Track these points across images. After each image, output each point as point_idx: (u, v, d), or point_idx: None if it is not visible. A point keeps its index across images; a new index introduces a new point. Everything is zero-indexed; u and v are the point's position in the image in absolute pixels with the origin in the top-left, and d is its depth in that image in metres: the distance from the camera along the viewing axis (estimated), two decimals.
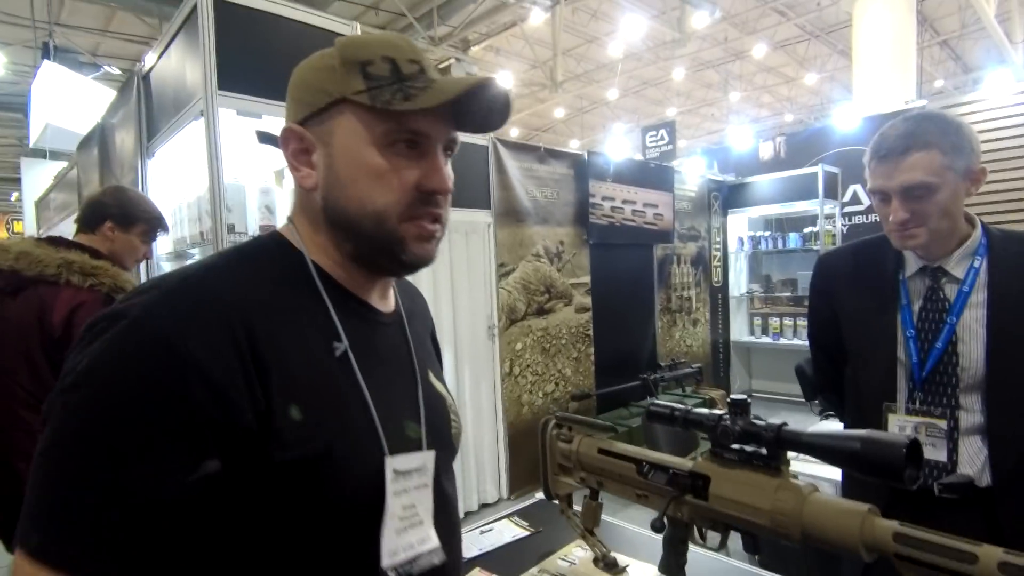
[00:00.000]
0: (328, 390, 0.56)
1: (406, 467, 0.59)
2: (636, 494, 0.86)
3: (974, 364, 1.04)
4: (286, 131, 0.61)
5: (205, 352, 0.48)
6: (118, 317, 0.49)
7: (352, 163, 0.58)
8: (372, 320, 0.65)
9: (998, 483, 1.01)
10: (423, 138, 0.59)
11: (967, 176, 1.05)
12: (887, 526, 0.59)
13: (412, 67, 0.59)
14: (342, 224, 0.60)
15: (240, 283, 0.55)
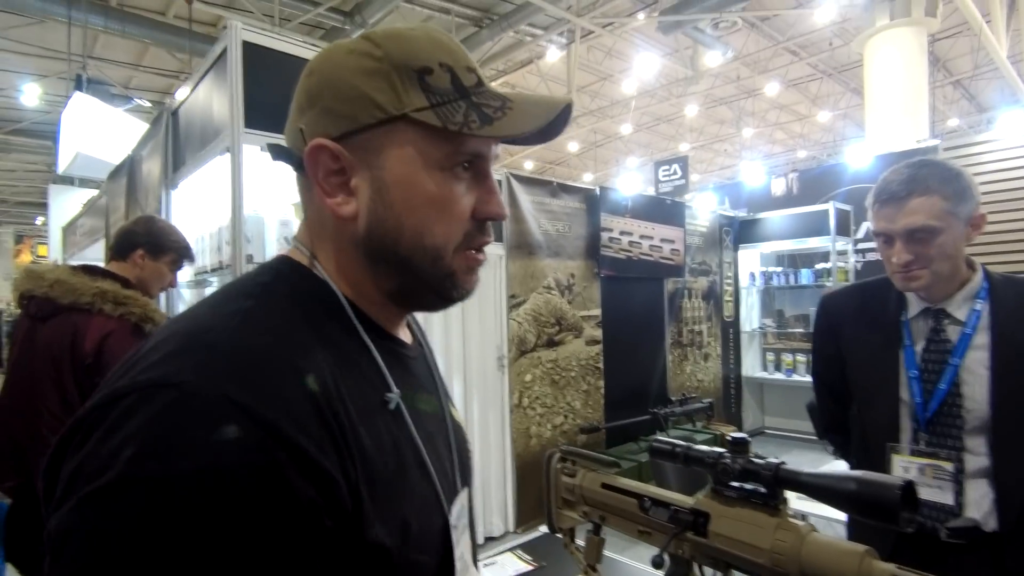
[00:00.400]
0: (393, 452, 0.48)
1: (456, 515, 0.55)
2: (638, 530, 0.87)
3: (979, 406, 1.04)
4: (317, 148, 0.49)
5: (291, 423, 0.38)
6: (157, 386, 0.37)
7: (410, 191, 0.49)
8: (405, 358, 0.58)
9: (1005, 528, 1.00)
10: (481, 160, 0.52)
11: (968, 221, 1.08)
12: (884, 568, 0.59)
13: (471, 77, 0.51)
14: (391, 259, 0.51)
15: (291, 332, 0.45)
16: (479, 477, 3.28)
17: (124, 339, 1.57)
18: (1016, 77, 9.14)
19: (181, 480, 0.33)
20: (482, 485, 3.31)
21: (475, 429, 3.27)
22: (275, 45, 1.71)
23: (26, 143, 11.48)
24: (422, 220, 0.50)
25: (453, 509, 0.54)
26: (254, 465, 0.35)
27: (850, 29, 9.26)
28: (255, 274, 0.54)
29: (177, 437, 0.35)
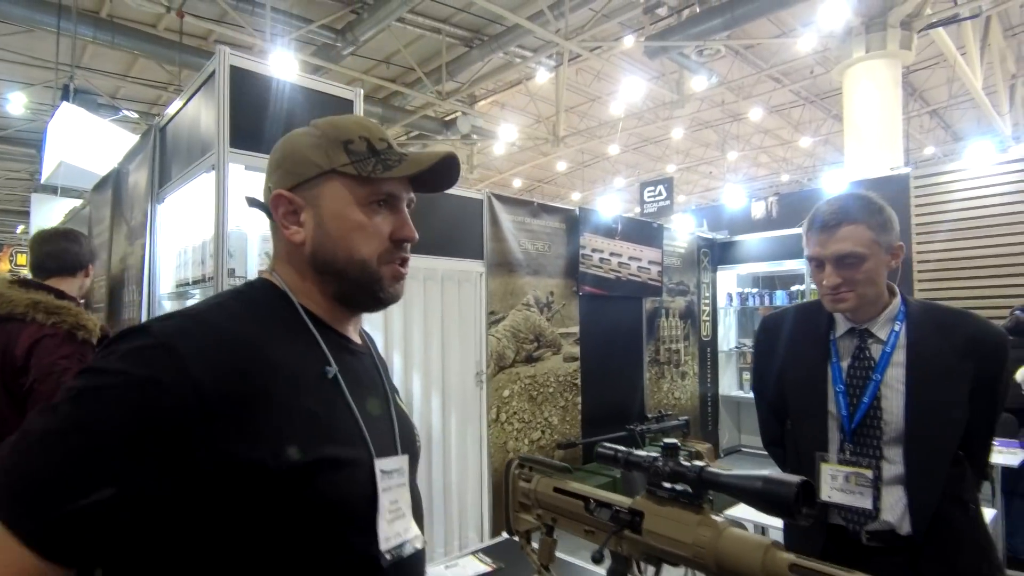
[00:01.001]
0: (325, 405, 0.66)
1: (389, 468, 0.70)
2: (584, 530, 0.93)
3: (895, 418, 1.13)
4: (277, 196, 0.72)
5: (209, 376, 0.57)
6: (143, 332, 0.59)
7: (340, 221, 0.71)
8: (351, 349, 0.76)
9: (917, 531, 1.09)
10: (394, 198, 0.73)
11: (889, 251, 1.18)
12: (785, 558, 0.67)
13: (382, 144, 0.73)
14: (331, 270, 0.71)
15: (244, 319, 0.66)
16: (455, 490, 3.31)
17: (57, 346, 1.71)
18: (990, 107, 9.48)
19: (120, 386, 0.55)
20: (459, 499, 3.34)
21: (452, 443, 3.31)
22: (261, 70, 1.80)
23: (9, 151, 11.40)
24: (350, 241, 0.71)
25: (386, 460, 0.69)
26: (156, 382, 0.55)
27: (831, 58, 9.56)
28: (238, 287, 0.76)
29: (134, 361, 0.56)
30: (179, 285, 2.19)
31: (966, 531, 1.12)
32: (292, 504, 0.60)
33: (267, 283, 0.74)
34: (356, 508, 0.65)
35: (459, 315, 3.41)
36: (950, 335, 1.15)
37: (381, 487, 0.67)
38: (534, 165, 16.18)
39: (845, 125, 8.81)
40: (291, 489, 0.59)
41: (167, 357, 0.56)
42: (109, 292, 2.76)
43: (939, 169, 5.44)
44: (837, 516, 1.18)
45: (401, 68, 10.01)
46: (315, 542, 0.61)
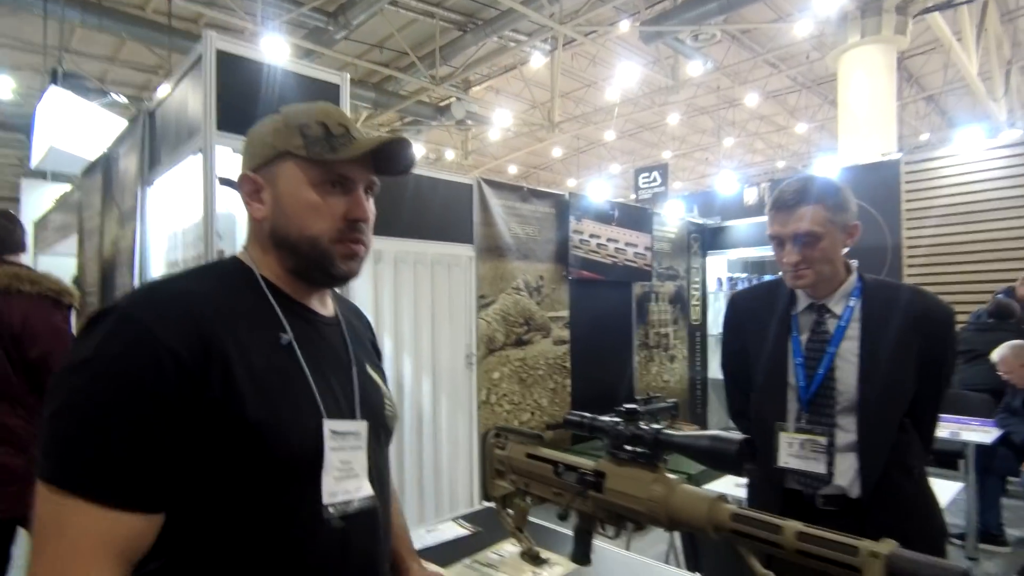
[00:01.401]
0: (275, 369, 0.71)
1: (342, 429, 0.74)
2: (553, 492, 0.99)
3: (848, 388, 1.20)
4: (242, 176, 0.78)
5: (177, 339, 0.63)
6: (111, 311, 0.65)
7: (293, 200, 0.75)
8: (312, 320, 0.80)
9: (866, 495, 1.15)
10: (347, 180, 0.76)
11: (845, 230, 1.23)
12: (727, 508, 0.72)
13: (340, 128, 0.76)
14: (286, 245, 0.76)
15: (204, 288, 0.72)
16: (445, 471, 3.38)
17: (49, 312, 1.80)
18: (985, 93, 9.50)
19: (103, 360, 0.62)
20: (449, 479, 3.41)
21: (443, 424, 3.38)
22: (247, 54, 1.82)
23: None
24: (302, 219, 0.75)
25: (338, 423, 0.74)
26: (140, 355, 0.62)
27: (827, 43, 9.54)
28: (210, 261, 0.83)
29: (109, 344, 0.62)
30: (170, 266, 2.23)
31: (911, 494, 1.19)
32: (245, 455, 0.65)
33: (236, 259, 0.80)
34: (301, 463, 0.70)
35: (449, 299, 3.45)
36: (900, 310, 1.21)
37: (329, 446, 0.72)
38: (529, 151, 16.14)
39: (839, 111, 8.82)
40: (243, 442, 0.65)
41: (135, 330, 0.63)
42: (102, 276, 2.80)
43: (929, 155, 5.47)
44: (794, 481, 1.24)
45: (394, 53, 9.94)
46: (264, 491, 0.67)
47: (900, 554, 0.59)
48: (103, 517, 0.59)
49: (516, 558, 1.15)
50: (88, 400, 0.61)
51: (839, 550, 0.62)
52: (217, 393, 0.64)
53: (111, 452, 0.59)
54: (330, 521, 0.70)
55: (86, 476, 0.59)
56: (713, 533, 0.73)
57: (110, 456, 0.59)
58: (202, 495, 0.65)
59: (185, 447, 0.63)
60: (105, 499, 0.59)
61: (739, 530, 0.70)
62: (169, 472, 0.62)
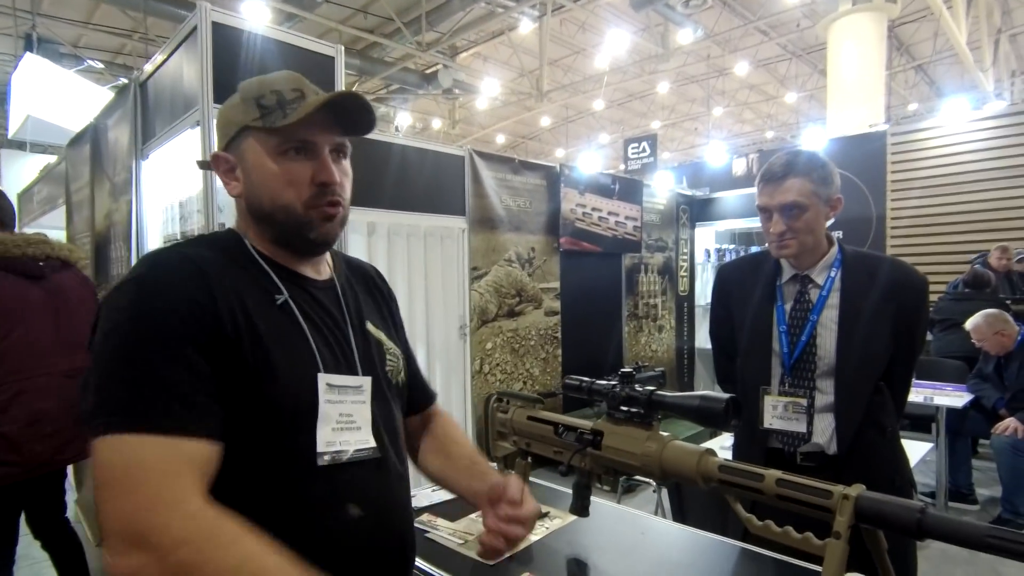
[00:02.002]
0: (274, 325, 0.74)
1: (341, 383, 0.78)
2: (553, 451, 1.06)
3: (828, 354, 1.28)
4: (214, 156, 0.81)
5: (193, 289, 0.69)
6: (132, 280, 0.70)
7: (260, 172, 0.77)
8: (305, 284, 0.83)
9: (841, 451, 1.25)
10: (310, 144, 0.77)
11: (828, 203, 1.29)
12: (715, 461, 0.79)
13: (294, 94, 0.77)
14: (262, 217, 0.79)
15: (205, 253, 0.75)
16: None
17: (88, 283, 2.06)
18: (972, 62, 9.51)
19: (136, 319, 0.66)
20: None
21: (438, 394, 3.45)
22: (243, 25, 1.81)
23: None
24: (271, 188, 0.77)
25: (336, 377, 0.78)
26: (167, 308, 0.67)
27: (818, 11, 9.47)
28: (206, 234, 0.87)
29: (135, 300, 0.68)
30: (167, 240, 2.24)
31: (883, 450, 1.28)
32: (250, 398, 0.70)
33: (230, 230, 0.84)
34: (297, 412, 0.73)
35: (442, 270, 3.49)
36: (878, 280, 1.28)
37: (324, 398, 0.75)
38: (517, 120, 15.97)
39: (829, 81, 8.81)
40: (248, 385, 0.69)
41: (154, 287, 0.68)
42: (95, 248, 2.80)
43: (915, 127, 5.53)
44: (776, 440, 1.33)
45: (379, 18, 9.72)
46: (262, 436, 0.71)
47: (867, 495, 0.67)
48: (177, 444, 0.63)
49: None
50: (132, 354, 0.65)
51: (815, 494, 0.70)
52: (230, 332, 0.69)
53: (166, 389, 0.64)
54: (324, 468, 0.74)
55: (151, 413, 0.63)
56: (702, 483, 0.80)
57: (166, 392, 0.64)
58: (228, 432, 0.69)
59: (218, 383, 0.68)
60: (173, 429, 0.63)
61: (725, 479, 0.77)
62: (215, 400, 0.67)
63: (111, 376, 0.65)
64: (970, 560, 2.78)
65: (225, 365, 0.68)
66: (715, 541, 1.15)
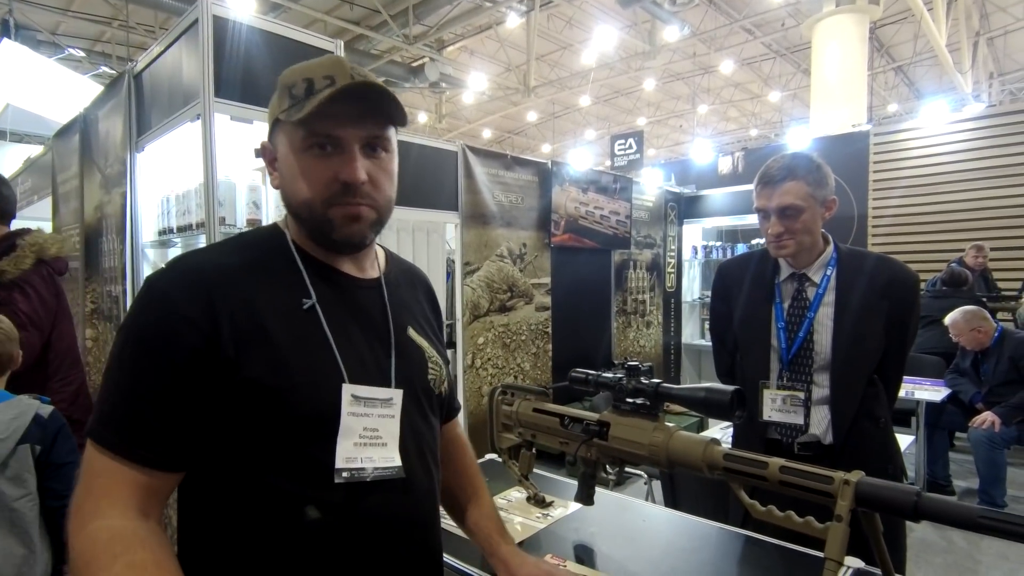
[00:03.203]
0: (295, 333, 0.71)
1: (368, 396, 0.72)
2: (559, 441, 1.09)
3: (824, 350, 1.33)
4: (261, 145, 0.81)
5: (192, 307, 0.66)
6: (146, 281, 0.71)
7: (286, 166, 0.74)
8: (343, 284, 0.78)
9: (837, 441, 1.30)
10: (334, 140, 0.71)
11: (824, 204, 1.34)
12: (720, 450, 0.83)
13: (324, 82, 0.70)
14: (292, 213, 0.77)
15: (226, 259, 0.73)
16: None
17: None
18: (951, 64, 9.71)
19: (130, 327, 0.68)
20: None
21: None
22: (244, 20, 1.80)
23: None
24: (294, 185, 0.74)
25: (363, 388, 0.73)
26: (157, 321, 0.67)
27: (803, 11, 9.59)
28: (249, 230, 0.89)
29: (137, 306, 0.69)
30: (161, 233, 2.23)
31: (876, 440, 1.34)
32: (260, 414, 0.67)
33: (274, 225, 0.81)
34: (317, 426, 0.69)
35: (436, 266, 3.51)
36: (871, 278, 1.34)
37: (348, 411, 0.70)
38: (504, 115, 15.96)
39: (812, 81, 8.95)
40: (258, 401, 0.67)
41: (156, 297, 0.69)
42: (85, 240, 2.76)
43: (897, 127, 5.65)
44: (774, 432, 1.38)
45: (365, 10, 9.64)
46: (276, 450, 0.68)
47: (867, 480, 0.71)
48: (120, 464, 0.64)
49: (523, 502, 1.27)
50: (119, 363, 0.67)
51: (817, 480, 0.74)
52: (231, 353, 0.66)
53: (130, 408, 0.65)
54: (341, 486, 0.69)
55: (109, 428, 0.65)
56: (707, 471, 0.84)
57: (129, 412, 0.65)
58: (223, 448, 0.68)
59: (204, 405, 0.66)
60: (120, 450, 0.64)
61: (730, 467, 0.81)
62: (187, 433, 0.66)
63: (107, 376, 0.68)
64: (948, 549, 2.89)
65: (226, 381, 0.66)
66: (715, 528, 1.20)
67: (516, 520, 1.20)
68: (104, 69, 8.27)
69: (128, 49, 8.48)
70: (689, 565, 1.05)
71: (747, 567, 1.07)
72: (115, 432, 0.65)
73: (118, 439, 0.65)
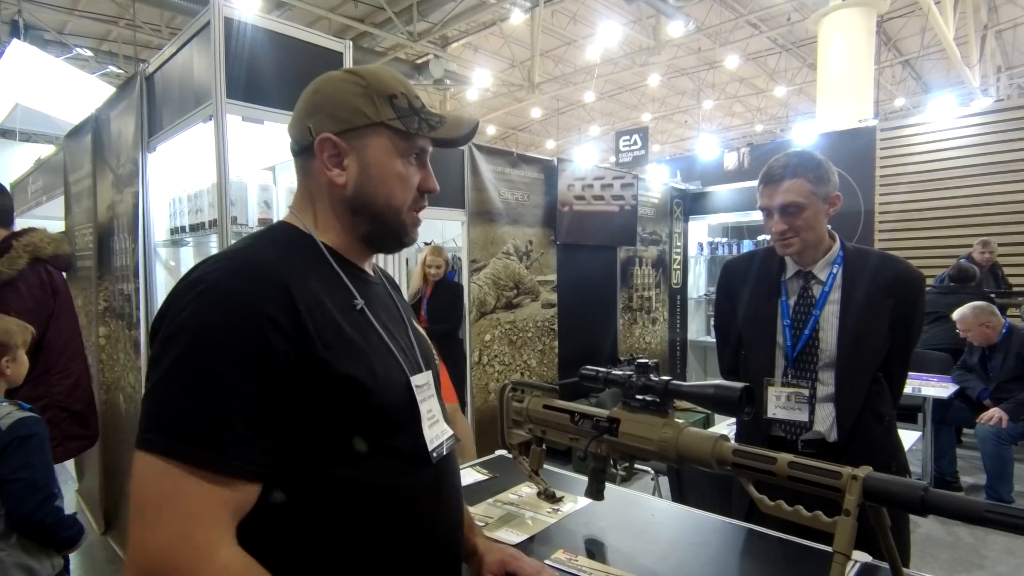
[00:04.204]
0: (360, 331, 0.74)
1: (420, 382, 0.79)
2: (569, 438, 1.11)
3: (829, 347, 1.34)
4: (324, 139, 0.75)
5: (273, 306, 0.64)
6: (197, 282, 0.66)
7: (384, 169, 0.77)
8: (368, 281, 0.83)
9: (841, 439, 1.32)
10: (424, 153, 0.81)
11: (827, 200, 1.35)
12: (729, 446, 0.85)
13: (417, 102, 0.79)
14: (367, 213, 0.78)
15: (280, 255, 0.72)
16: None
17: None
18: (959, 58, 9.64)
19: (200, 329, 0.63)
20: None
21: None
22: (255, 21, 1.82)
23: None
24: (391, 188, 0.78)
25: (417, 376, 0.79)
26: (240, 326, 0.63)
27: (808, 5, 9.54)
28: (264, 229, 0.84)
29: (202, 308, 0.64)
30: (174, 232, 2.26)
31: (880, 438, 1.35)
32: (348, 411, 0.69)
33: (288, 224, 0.80)
34: (400, 417, 0.75)
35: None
36: (876, 276, 1.35)
37: (419, 398, 0.77)
38: (508, 112, 15.94)
39: (818, 75, 8.88)
40: (346, 400, 0.69)
41: (231, 299, 0.64)
42: (98, 239, 2.80)
43: (903, 122, 5.61)
44: (779, 429, 1.40)
45: (370, 7, 9.65)
46: (375, 443, 0.71)
47: (874, 475, 0.72)
48: (217, 484, 0.60)
49: (534, 497, 1.28)
50: (192, 372, 0.61)
51: (825, 475, 0.75)
52: (321, 352, 0.66)
53: (222, 420, 0.60)
54: (436, 464, 0.78)
55: (201, 445, 0.59)
56: (716, 467, 0.85)
57: (222, 428, 0.60)
58: (315, 447, 0.68)
59: (297, 407, 0.65)
60: (219, 468, 0.60)
61: (739, 463, 0.82)
62: (280, 438, 0.64)
63: (168, 389, 0.62)
64: (954, 544, 2.89)
65: (314, 380, 0.66)
66: (722, 522, 1.21)
67: (527, 515, 1.22)
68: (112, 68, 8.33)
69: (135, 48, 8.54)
70: (697, 559, 1.07)
71: (754, 560, 1.09)
72: (204, 447, 0.60)
73: (212, 453, 0.60)
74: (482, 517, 1.21)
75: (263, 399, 0.62)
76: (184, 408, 0.60)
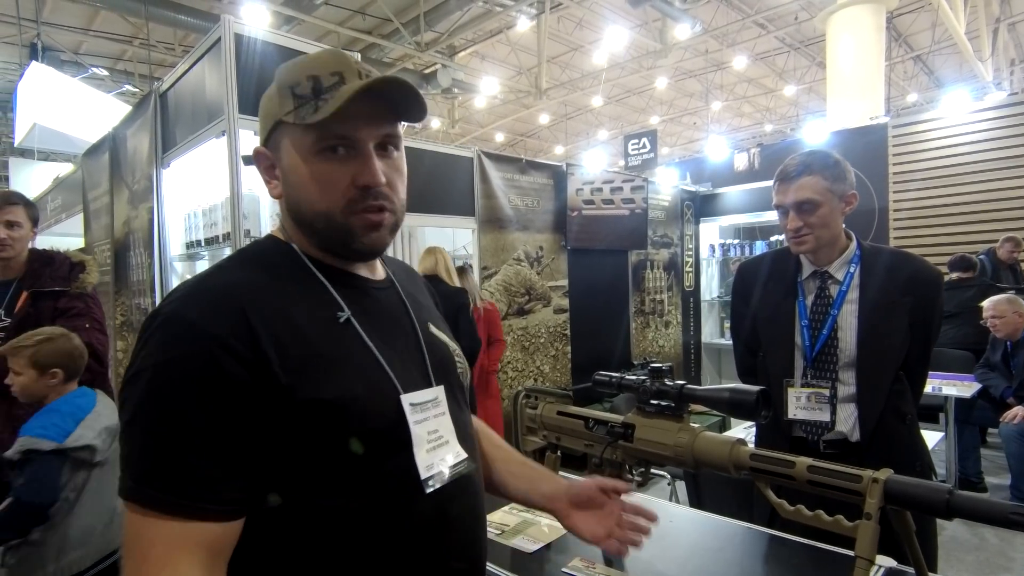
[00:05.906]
0: (338, 348, 0.66)
1: (422, 400, 0.70)
2: (584, 444, 1.10)
3: (849, 347, 1.33)
4: (256, 152, 0.72)
5: (224, 330, 0.59)
6: (156, 315, 0.62)
7: (295, 174, 0.67)
8: (365, 287, 0.74)
9: (864, 439, 1.30)
10: (350, 141, 0.66)
11: (842, 198, 1.34)
12: (746, 450, 0.84)
13: (332, 79, 0.65)
14: (303, 223, 0.70)
15: (246, 275, 0.66)
16: None
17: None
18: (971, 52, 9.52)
19: (156, 367, 0.59)
20: None
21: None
22: (264, 37, 1.85)
23: None
24: (307, 193, 0.68)
25: (416, 394, 0.70)
26: (190, 353, 0.59)
27: (816, 3, 9.48)
28: (245, 246, 0.77)
29: (159, 348, 0.60)
30: (189, 247, 2.29)
31: (903, 437, 1.33)
32: (329, 434, 0.63)
33: (272, 238, 0.74)
34: (388, 439, 0.67)
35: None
36: (894, 274, 1.33)
37: (412, 420, 0.68)
38: (516, 119, 15.99)
39: (828, 74, 8.82)
40: (324, 421, 0.62)
41: (184, 330, 0.60)
42: (115, 255, 2.84)
43: (916, 118, 5.54)
44: (799, 430, 1.38)
45: (377, 19, 9.74)
46: (354, 471, 0.64)
47: (896, 478, 0.71)
48: (189, 527, 0.57)
49: None
50: (150, 411, 0.58)
51: (845, 479, 0.74)
52: (283, 378, 0.61)
53: (188, 467, 0.57)
54: (432, 495, 0.68)
55: (168, 493, 0.57)
56: (734, 471, 0.84)
57: (188, 470, 0.57)
58: (294, 476, 0.63)
59: (263, 437, 0.60)
60: (189, 513, 0.57)
61: (757, 467, 0.81)
62: (250, 470, 0.60)
63: (134, 433, 0.59)
64: (980, 546, 2.83)
65: (279, 407, 0.60)
66: (741, 527, 1.20)
67: (544, 523, 1.21)
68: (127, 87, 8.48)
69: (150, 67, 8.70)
70: (716, 565, 1.05)
71: (775, 566, 1.07)
72: (166, 489, 0.57)
73: (178, 498, 0.57)
74: (498, 525, 1.20)
75: (226, 432, 0.59)
76: (149, 453, 0.58)
